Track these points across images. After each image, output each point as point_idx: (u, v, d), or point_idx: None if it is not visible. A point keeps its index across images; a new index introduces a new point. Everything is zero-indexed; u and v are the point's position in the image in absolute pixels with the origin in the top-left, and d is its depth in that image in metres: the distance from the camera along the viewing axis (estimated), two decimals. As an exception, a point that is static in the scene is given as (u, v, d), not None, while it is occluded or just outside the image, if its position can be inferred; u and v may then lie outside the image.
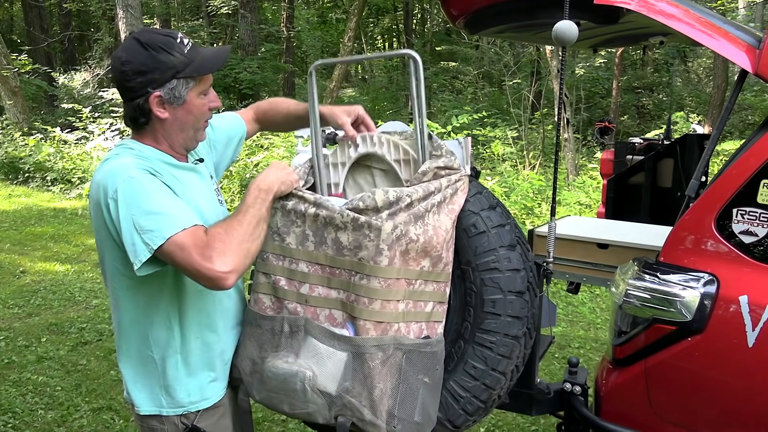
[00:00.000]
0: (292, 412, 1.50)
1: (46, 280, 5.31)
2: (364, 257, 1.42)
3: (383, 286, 1.41)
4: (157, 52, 1.38)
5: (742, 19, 12.26)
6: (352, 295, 1.44)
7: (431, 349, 1.46)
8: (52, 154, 9.54)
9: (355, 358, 1.42)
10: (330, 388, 1.44)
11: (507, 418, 3.18)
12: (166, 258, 1.31)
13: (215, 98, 1.53)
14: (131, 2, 10.66)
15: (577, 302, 4.85)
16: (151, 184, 1.35)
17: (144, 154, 1.44)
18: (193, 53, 1.42)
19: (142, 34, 1.40)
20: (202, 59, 1.43)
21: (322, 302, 1.49)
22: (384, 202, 1.42)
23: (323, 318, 1.49)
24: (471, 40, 14.55)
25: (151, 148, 1.47)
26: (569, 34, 1.62)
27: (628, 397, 1.73)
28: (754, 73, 1.59)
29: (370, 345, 1.41)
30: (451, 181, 1.50)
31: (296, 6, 16.68)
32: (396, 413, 1.42)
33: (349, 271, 1.45)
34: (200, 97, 1.47)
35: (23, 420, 3.14)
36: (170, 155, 1.49)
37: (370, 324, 1.41)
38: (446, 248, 1.48)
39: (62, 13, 17.76)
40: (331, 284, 1.48)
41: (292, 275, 1.52)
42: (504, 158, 9.76)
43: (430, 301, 1.48)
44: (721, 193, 1.62)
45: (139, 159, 1.41)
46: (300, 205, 1.51)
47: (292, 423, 3.09)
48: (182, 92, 1.42)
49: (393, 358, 1.42)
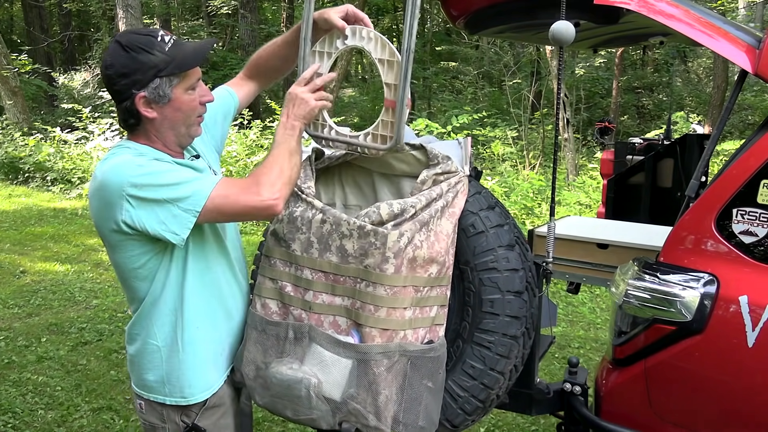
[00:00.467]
0: (296, 417, 1.50)
1: (46, 280, 5.31)
2: (370, 265, 1.42)
3: (389, 294, 1.40)
4: (137, 53, 1.38)
5: (742, 19, 12.26)
6: (357, 302, 1.44)
7: (435, 353, 1.46)
8: (52, 154, 9.53)
9: (360, 365, 1.41)
10: (335, 394, 1.44)
11: (507, 418, 3.18)
12: (211, 215, 1.38)
13: (206, 92, 1.51)
14: (131, 2, 10.66)
15: (577, 302, 4.85)
16: (162, 164, 1.40)
17: (141, 151, 1.45)
18: (174, 50, 1.41)
19: (123, 36, 1.42)
20: (183, 55, 1.42)
21: (326, 309, 1.49)
22: (389, 215, 1.44)
23: (327, 325, 1.48)
24: (471, 40, 14.55)
25: (147, 147, 1.47)
26: (566, 35, 1.62)
27: (628, 397, 1.73)
28: (754, 73, 1.59)
29: (376, 352, 1.40)
30: (451, 184, 1.50)
31: (296, 6, 16.67)
32: (401, 419, 1.42)
33: (354, 279, 1.45)
34: (188, 93, 1.45)
35: (23, 420, 3.14)
36: (166, 153, 1.49)
37: (376, 331, 1.41)
38: (449, 252, 1.49)
39: (62, 13, 17.76)
40: (335, 291, 1.48)
41: (298, 282, 1.52)
42: (504, 158, 9.76)
43: (434, 305, 1.48)
44: (721, 193, 1.61)
45: (138, 156, 1.42)
46: (308, 212, 1.51)
47: (293, 423, 3.09)
48: (167, 90, 1.41)
49: (398, 364, 1.42)
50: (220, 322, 1.56)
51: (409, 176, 1.60)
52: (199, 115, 1.51)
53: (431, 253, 1.43)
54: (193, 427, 1.51)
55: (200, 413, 1.52)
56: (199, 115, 1.51)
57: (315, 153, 1.65)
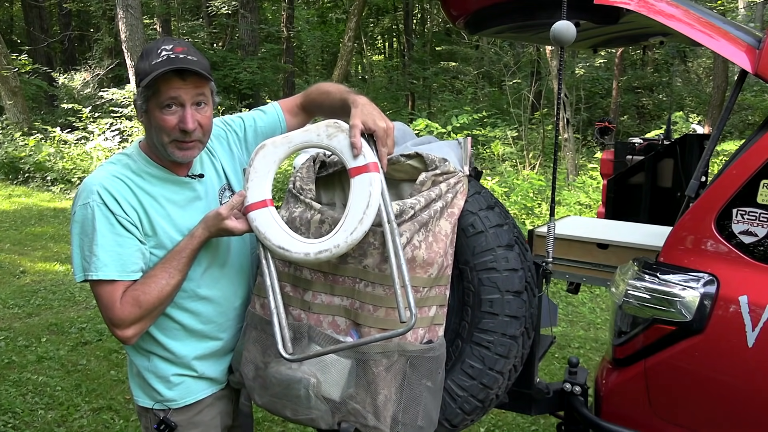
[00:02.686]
0: (295, 417, 1.50)
1: (46, 280, 5.31)
2: (368, 265, 1.42)
3: (388, 294, 1.40)
4: (140, 59, 1.43)
5: (742, 19, 12.26)
6: (356, 303, 1.44)
7: (434, 353, 1.45)
8: (52, 154, 9.54)
9: (359, 365, 1.41)
10: (334, 394, 1.44)
11: (507, 418, 3.18)
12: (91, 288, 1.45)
13: (185, 119, 1.41)
14: (131, 2, 10.65)
15: (577, 302, 4.85)
16: (100, 218, 1.41)
17: (134, 162, 1.50)
18: (159, 63, 1.37)
19: (152, 42, 1.49)
20: (154, 74, 1.36)
21: (325, 309, 1.49)
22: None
23: (326, 325, 1.48)
24: (471, 40, 14.56)
25: (145, 156, 1.51)
26: (567, 35, 1.62)
27: (628, 397, 1.73)
28: (754, 73, 1.58)
29: (375, 352, 1.40)
30: (450, 185, 1.50)
31: (296, 6, 16.67)
32: (400, 418, 1.42)
33: (353, 278, 1.45)
34: (161, 111, 1.41)
35: (23, 420, 3.14)
36: (160, 165, 1.50)
37: (375, 331, 1.41)
38: (447, 252, 1.49)
39: (62, 13, 17.74)
40: (334, 291, 1.48)
41: (297, 282, 1.52)
42: (504, 158, 9.76)
43: (433, 305, 1.48)
44: (721, 193, 1.61)
45: (122, 169, 1.48)
46: (306, 212, 1.51)
47: (293, 423, 3.09)
48: (141, 101, 1.43)
49: (397, 364, 1.41)
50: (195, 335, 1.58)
51: (409, 180, 1.60)
52: (174, 139, 1.43)
53: (430, 253, 1.43)
54: (164, 420, 1.56)
55: (172, 410, 1.58)
56: (174, 139, 1.44)
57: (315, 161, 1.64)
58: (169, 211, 1.50)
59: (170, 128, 1.42)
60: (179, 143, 1.45)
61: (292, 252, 1.41)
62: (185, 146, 1.46)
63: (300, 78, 18.41)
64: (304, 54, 20.37)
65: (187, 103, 1.42)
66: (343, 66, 12.56)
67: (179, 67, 1.37)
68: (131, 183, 1.46)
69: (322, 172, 1.63)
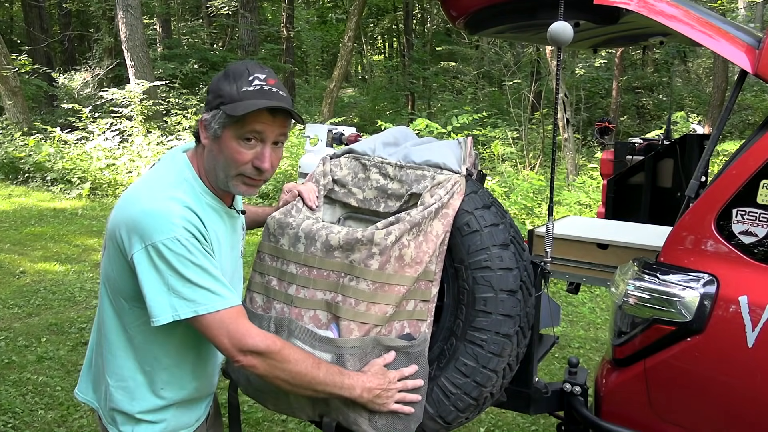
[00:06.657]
0: (277, 409, 1.55)
1: (46, 280, 5.31)
2: (355, 260, 1.45)
3: (370, 289, 1.43)
4: (225, 78, 1.33)
5: (742, 19, 12.26)
6: (338, 296, 1.46)
7: (414, 349, 1.47)
8: (52, 154, 9.53)
9: (338, 359, 1.42)
10: None
11: (507, 418, 3.18)
12: (195, 326, 1.29)
13: (263, 157, 1.33)
14: (131, 2, 10.66)
15: (577, 302, 4.85)
16: (193, 251, 1.28)
17: (193, 190, 1.37)
18: (251, 93, 1.29)
19: (236, 63, 1.38)
20: (246, 103, 1.28)
21: (307, 303, 1.51)
22: (384, 224, 1.48)
23: (308, 319, 1.50)
24: (471, 40, 14.56)
25: (202, 183, 1.40)
26: (564, 35, 1.62)
27: (628, 398, 1.73)
28: (754, 73, 1.59)
29: (350, 346, 1.42)
30: (447, 188, 1.53)
31: (296, 6, 16.67)
32: (377, 414, 1.43)
33: (338, 273, 1.47)
34: (237, 141, 1.32)
35: (23, 420, 3.14)
36: (212, 192, 1.41)
37: (354, 324, 1.43)
38: (435, 253, 1.50)
39: (62, 13, 17.75)
40: (317, 286, 1.50)
41: (282, 276, 1.55)
42: (504, 158, 9.77)
43: (411, 299, 1.49)
44: (721, 193, 1.61)
45: (189, 200, 1.33)
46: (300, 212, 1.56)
47: (292, 423, 3.09)
48: (217, 125, 1.32)
49: (371, 356, 1.43)
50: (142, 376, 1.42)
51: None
52: (242, 173, 1.35)
53: (419, 252, 1.46)
54: None
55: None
56: (242, 174, 1.35)
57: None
58: (221, 247, 1.43)
59: (243, 162, 1.33)
60: (247, 179, 1.36)
61: None
62: (252, 183, 1.38)
63: (300, 78, 18.42)
64: (304, 54, 20.39)
65: (268, 140, 1.34)
66: (343, 66, 12.57)
67: (276, 105, 1.30)
68: (200, 213, 1.34)
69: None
